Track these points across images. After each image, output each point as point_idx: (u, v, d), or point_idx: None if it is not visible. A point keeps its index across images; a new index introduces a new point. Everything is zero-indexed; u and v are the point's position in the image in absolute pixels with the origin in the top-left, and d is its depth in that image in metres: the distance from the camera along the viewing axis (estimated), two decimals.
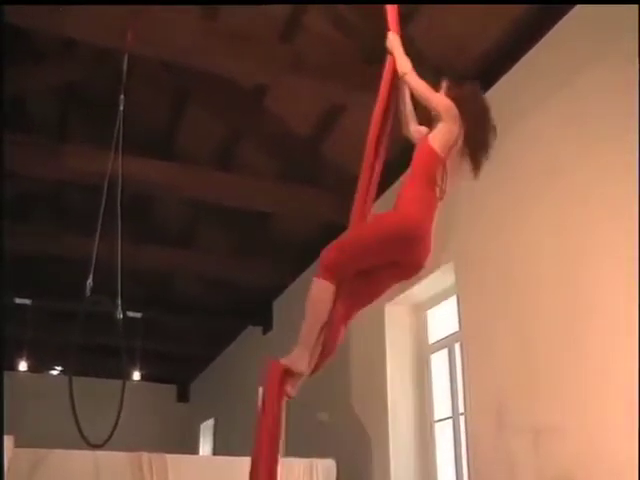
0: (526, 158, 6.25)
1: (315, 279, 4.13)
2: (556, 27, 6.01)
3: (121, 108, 5.83)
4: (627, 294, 4.89)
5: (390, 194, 5.04)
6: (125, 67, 5.94)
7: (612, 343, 5.05)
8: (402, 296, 7.81)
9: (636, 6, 5.05)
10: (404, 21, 6.78)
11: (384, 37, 4.63)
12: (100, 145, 7.06)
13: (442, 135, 4.20)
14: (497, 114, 6.63)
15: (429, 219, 4.08)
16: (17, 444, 6.27)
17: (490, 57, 6.71)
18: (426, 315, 8.24)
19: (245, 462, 7.24)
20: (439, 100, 4.28)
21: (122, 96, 5.84)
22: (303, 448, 9.45)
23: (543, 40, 6.16)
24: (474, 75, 6.89)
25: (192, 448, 16.70)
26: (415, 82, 4.37)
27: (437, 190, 4.10)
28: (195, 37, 6.63)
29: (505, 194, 6.46)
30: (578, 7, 5.77)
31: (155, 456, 6.92)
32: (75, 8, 6.03)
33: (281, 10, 7.62)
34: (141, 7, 6.42)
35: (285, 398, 3.97)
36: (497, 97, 6.71)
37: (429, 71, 6.98)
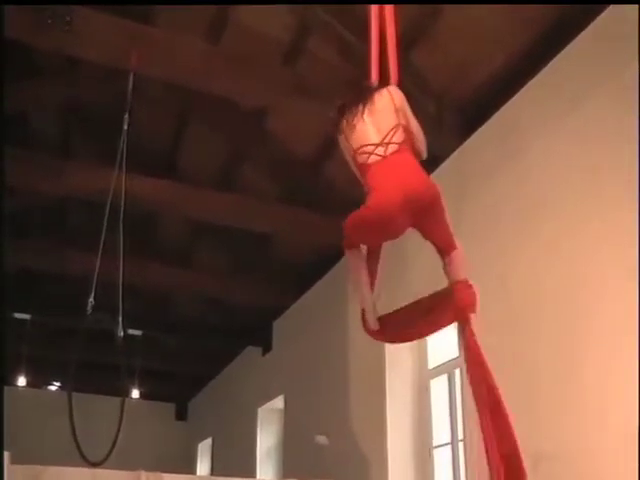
0: (526, 185, 6.27)
1: None
2: (558, 56, 6.07)
3: (125, 127, 5.86)
4: (627, 319, 4.90)
5: None
6: (130, 87, 5.98)
7: (613, 369, 5.06)
8: None
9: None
10: (407, 48, 6.86)
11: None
12: (102, 163, 7.09)
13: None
14: (498, 140, 6.72)
15: (380, 189, 4.22)
16: (13, 460, 6.24)
17: (492, 84, 6.75)
18: (426, 340, 8.21)
19: None
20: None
21: (126, 115, 5.87)
22: (301, 470, 9.43)
23: (546, 68, 6.21)
24: (476, 102, 6.95)
25: (190, 467, 16.64)
26: None
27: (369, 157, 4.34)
28: (198, 59, 6.68)
29: (506, 220, 6.48)
30: (580, 36, 5.82)
31: (153, 475, 6.86)
32: (80, 26, 6.06)
33: (284, 33, 7.67)
34: (145, 27, 6.49)
35: None
36: (498, 124, 6.77)
37: (431, 97, 7.06)
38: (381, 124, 4.39)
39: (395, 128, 4.35)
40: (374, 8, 4.87)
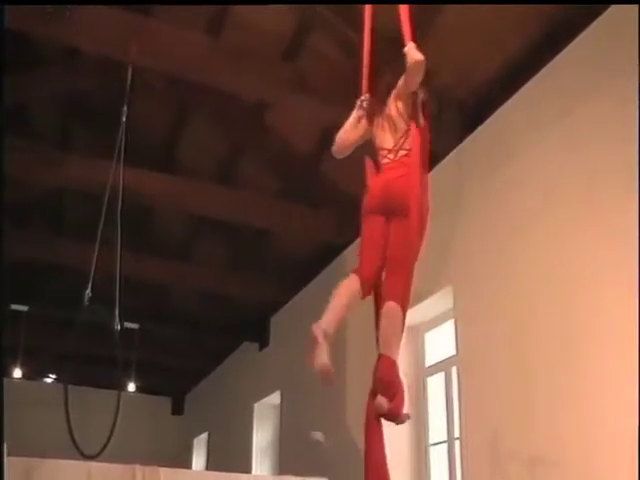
0: (524, 185, 6.26)
1: None
2: (556, 58, 6.07)
3: (124, 119, 5.85)
4: (625, 319, 4.89)
5: None
6: (129, 79, 5.97)
7: (611, 371, 5.04)
8: None
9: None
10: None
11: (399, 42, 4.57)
12: (101, 155, 7.07)
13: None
14: (497, 141, 6.72)
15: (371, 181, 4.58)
16: (9, 453, 6.23)
17: (491, 85, 6.76)
18: (423, 338, 8.21)
19: (237, 479, 7.19)
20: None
21: (125, 107, 5.86)
22: (297, 467, 9.41)
23: (543, 70, 6.23)
24: (475, 101, 6.94)
25: (185, 462, 16.60)
26: None
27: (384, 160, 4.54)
28: (199, 52, 6.66)
29: (504, 220, 6.48)
30: (577, 39, 5.83)
31: (148, 469, 6.86)
32: (80, 17, 6.04)
33: (285, 29, 7.65)
34: (145, 19, 6.46)
35: None
36: (497, 125, 6.77)
37: (431, 96, 7.04)
38: (394, 129, 4.55)
39: (406, 134, 4.48)
40: (367, 8, 4.83)
